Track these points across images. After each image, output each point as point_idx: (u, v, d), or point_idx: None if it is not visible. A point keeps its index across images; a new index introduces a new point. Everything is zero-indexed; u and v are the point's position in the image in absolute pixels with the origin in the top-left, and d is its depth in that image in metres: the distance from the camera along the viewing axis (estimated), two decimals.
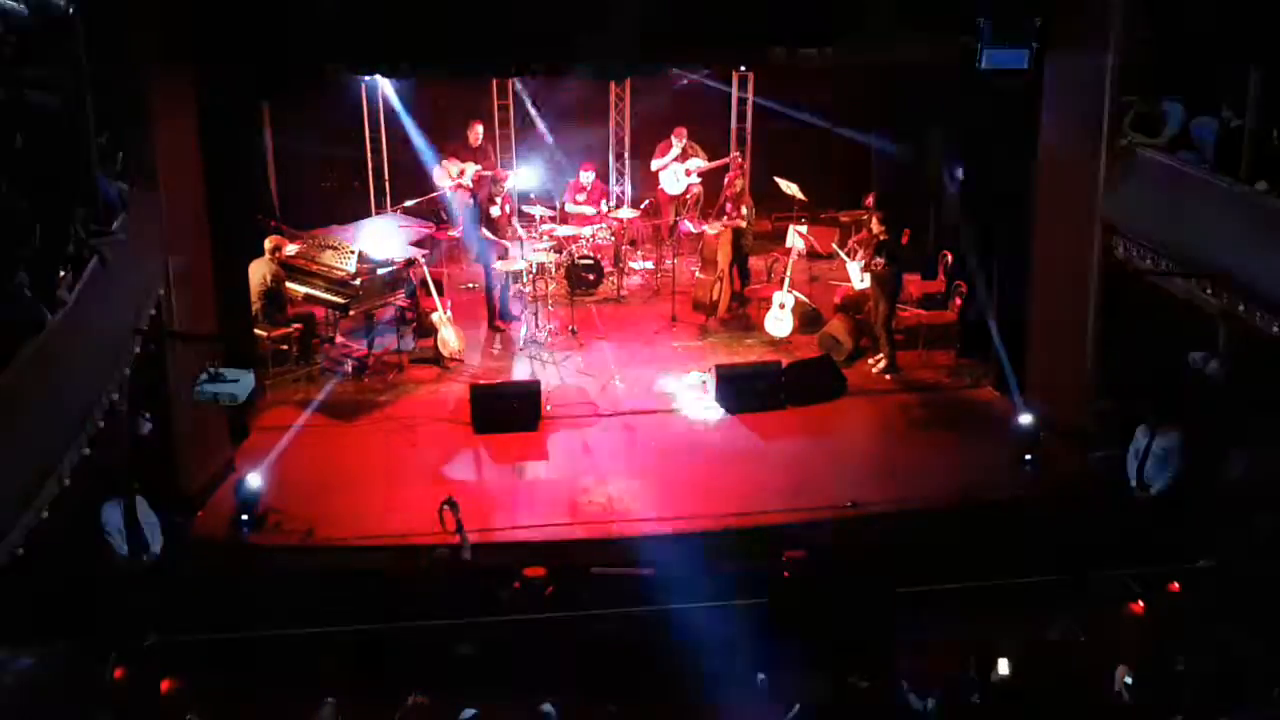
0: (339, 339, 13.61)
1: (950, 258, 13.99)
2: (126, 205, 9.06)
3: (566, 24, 10.88)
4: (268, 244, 12.74)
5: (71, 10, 7.97)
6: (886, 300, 13.04)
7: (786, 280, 13.69)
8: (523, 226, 14.31)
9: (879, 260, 12.86)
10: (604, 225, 15.21)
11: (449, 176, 14.97)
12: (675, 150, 15.42)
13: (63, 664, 8.06)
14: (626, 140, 16.43)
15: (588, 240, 14.99)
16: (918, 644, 8.89)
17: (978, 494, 10.92)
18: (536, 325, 13.88)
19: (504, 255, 13.90)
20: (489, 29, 10.89)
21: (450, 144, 15.23)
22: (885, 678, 8.16)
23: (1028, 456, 11.31)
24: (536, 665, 8.96)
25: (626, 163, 16.50)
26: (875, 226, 12.98)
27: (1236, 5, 9.93)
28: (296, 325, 12.94)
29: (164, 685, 8.30)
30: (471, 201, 15.28)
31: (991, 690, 8.08)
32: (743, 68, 15.19)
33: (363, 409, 12.47)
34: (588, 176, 15.39)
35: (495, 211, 13.93)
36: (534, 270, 13.87)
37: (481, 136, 15.37)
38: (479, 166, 15.15)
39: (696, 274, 14.66)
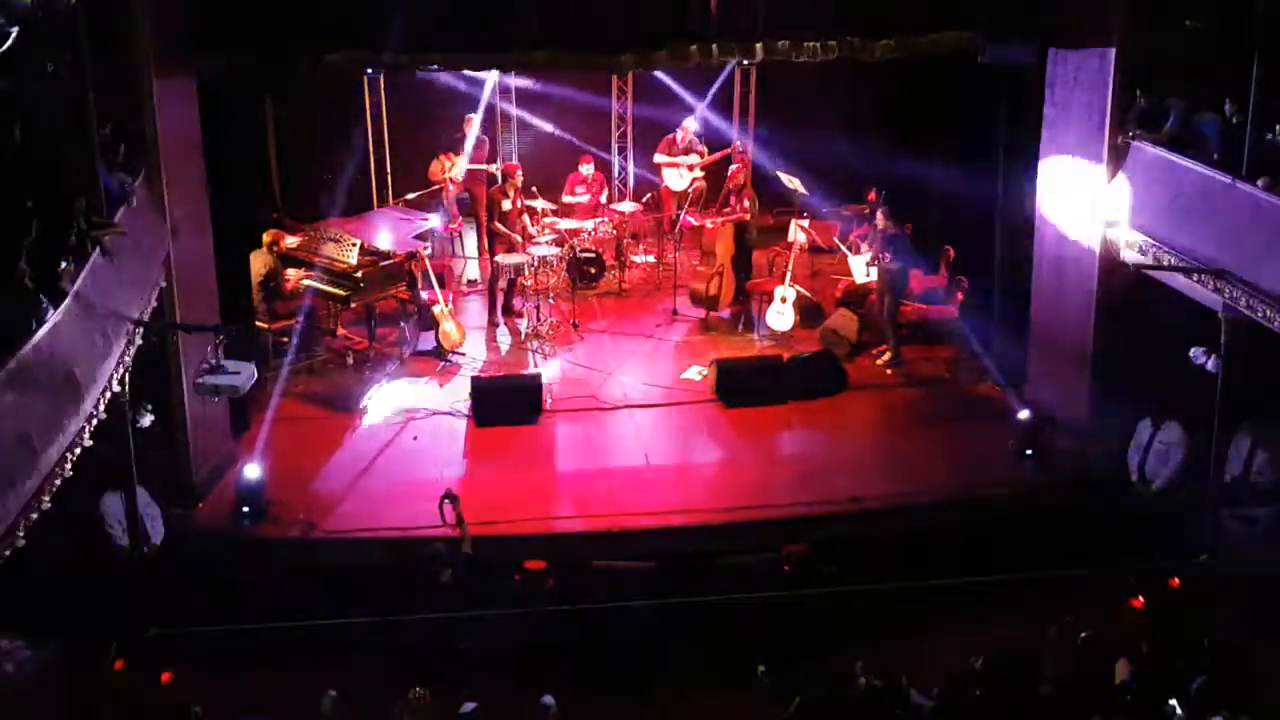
0: (340, 331, 13.60)
1: (952, 253, 13.97)
2: (128, 197, 9.07)
3: (566, 16, 10.91)
4: (266, 237, 12.73)
5: (74, 1, 7.97)
6: (892, 294, 13.04)
7: (788, 274, 13.67)
8: (530, 222, 14.27)
9: (887, 255, 12.86)
10: (605, 219, 15.20)
11: (442, 172, 15.00)
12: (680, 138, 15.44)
13: (63, 656, 8.07)
14: (629, 132, 16.41)
15: (589, 234, 14.98)
16: (919, 639, 8.92)
17: (979, 489, 10.93)
18: (538, 318, 13.88)
19: (511, 249, 13.89)
20: (488, 22, 10.89)
21: (448, 139, 15.27)
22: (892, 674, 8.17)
23: (1029, 451, 11.31)
24: (537, 659, 8.97)
25: (630, 155, 16.48)
26: (882, 222, 12.98)
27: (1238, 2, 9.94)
28: (297, 317, 12.94)
29: (164, 677, 8.32)
30: (467, 195, 15.31)
31: (992, 687, 8.09)
32: (745, 61, 15.16)
33: (363, 401, 12.47)
34: (588, 169, 15.37)
35: (506, 205, 13.91)
36: (536, 263, 13.86)
37: (478, 131, 15.36)
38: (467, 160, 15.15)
39: (698, 267, 14.65)
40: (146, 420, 9.72)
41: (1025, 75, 11.51)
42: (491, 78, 15.23)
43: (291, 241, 13.01)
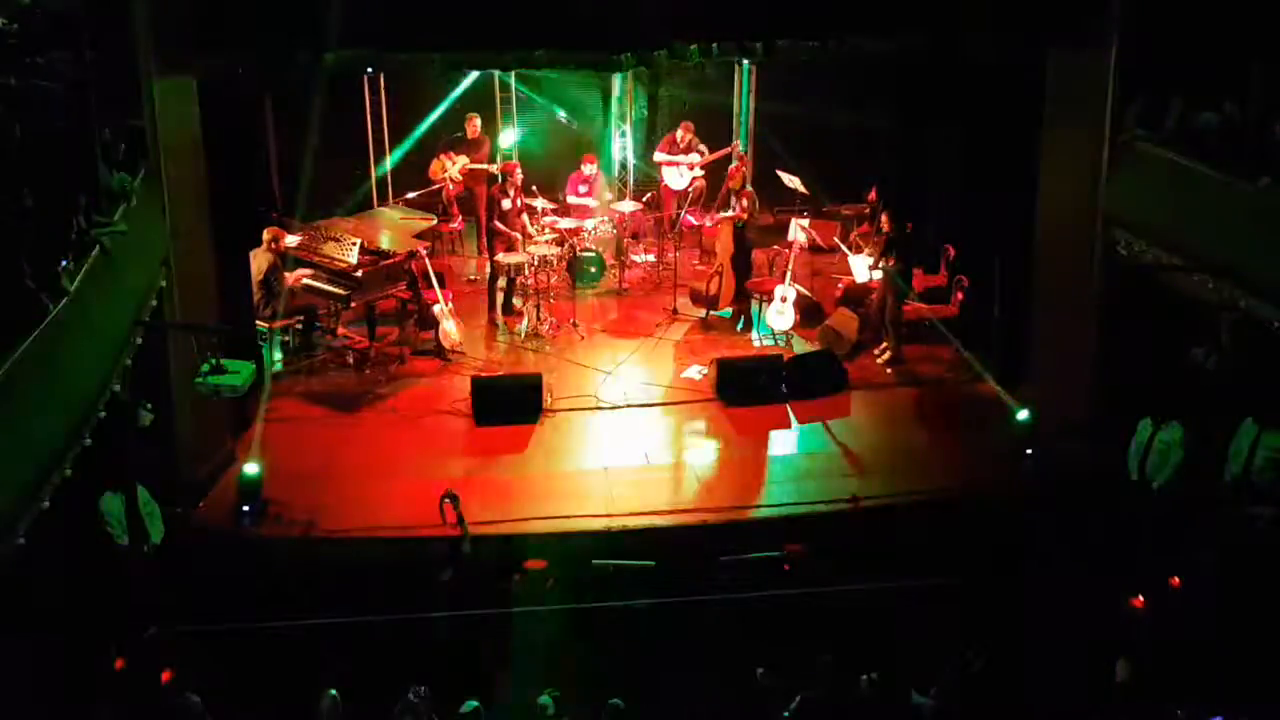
0: (340, 331, 13.61)
1: (953, 252, 13.97)
2: (129, 196, 9.08)
3: (567, 14, 10.91)
4: (265, 235, 12.74)
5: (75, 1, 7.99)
6: (894, 294, 13.04)
7: (788, 274, 13.67)
8: (530, 221, 14.27)
9: (890, 258, 12.87)
10: (605, 218, 15.19)
11: (443, 171, 15.00)
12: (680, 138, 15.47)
13: (63, 654, 8.07)
14: (629, 131, 16.39)
15: (589, 233, 14.98)
16: (919, 639, 8.91)
17: (978, 488, 10.92)
18: (538, 317, 13.88)
19: (511, 248, 13.89)
20: (487, 18, 10.89)
21: (449, 137, 15.27)
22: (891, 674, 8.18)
23: (1029, 451, 11.30)
24: (537, 659, 8.97)
25: (629, 154, 16.47)
26: (885, 224, 12.97)
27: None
28: (297, 316, 12.95)
29: (164, 676, 8.31)
30: (468, 194, 15.32)
31: (991, 687, 8.10)
32: (745, 60, 15.18)
33: (364, 400, 12.47)
34: (590, 168, 15.37)
35: (506, 204, 13.92)
36: (535, 263, 13.86)
37: (479, 129, 15.36)
38: (467, 160, 15.14)
39: (698, 267, 14.65)
40: (146, 420, 9.73)
41: (1025, 74, 11.50)
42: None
43: (291, 240, 13.01)
